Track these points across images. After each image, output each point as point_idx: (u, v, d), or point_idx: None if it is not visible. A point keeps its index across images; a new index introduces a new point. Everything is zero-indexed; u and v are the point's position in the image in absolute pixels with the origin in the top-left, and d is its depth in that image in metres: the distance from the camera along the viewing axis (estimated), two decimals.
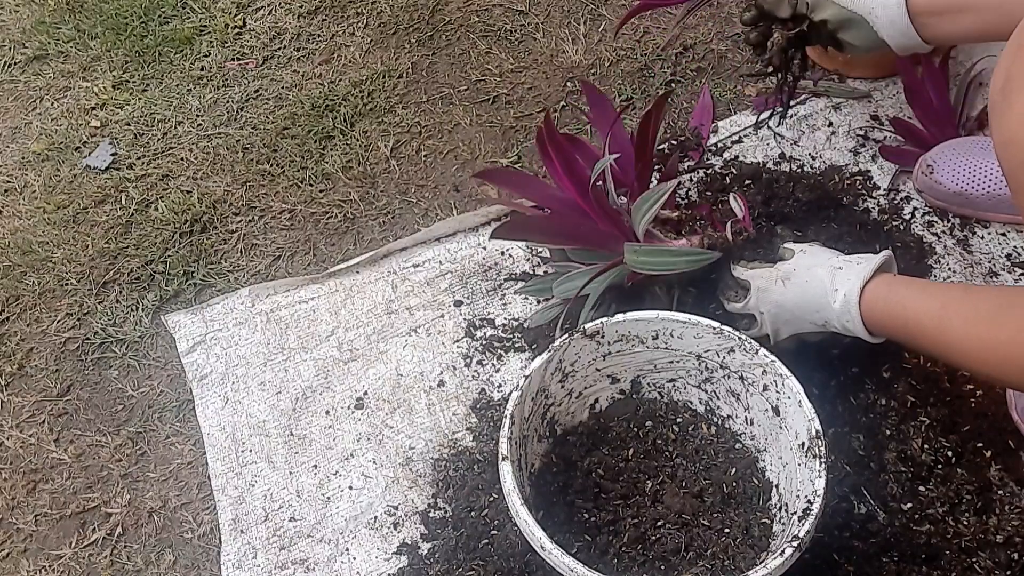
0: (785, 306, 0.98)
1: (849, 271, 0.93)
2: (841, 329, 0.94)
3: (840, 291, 0.92)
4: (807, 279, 0.96)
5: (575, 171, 1.07)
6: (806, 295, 0.96)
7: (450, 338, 1.20)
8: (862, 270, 0.92)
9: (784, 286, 0.98)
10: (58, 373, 1.22)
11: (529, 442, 0.97)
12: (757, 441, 0.99)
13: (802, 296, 0.97)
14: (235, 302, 1.25)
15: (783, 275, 0.99)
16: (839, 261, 0.96)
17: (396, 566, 1.02)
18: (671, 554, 0.92)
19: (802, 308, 0.97)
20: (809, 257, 0.99)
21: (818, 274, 0.96)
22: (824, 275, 0.95)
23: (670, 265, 1.02)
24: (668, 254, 1.03)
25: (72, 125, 1.50)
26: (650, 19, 1.57)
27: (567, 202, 1.09)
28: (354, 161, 1.41)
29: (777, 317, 1.00)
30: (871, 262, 0.93)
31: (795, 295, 0.97)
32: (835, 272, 0.94)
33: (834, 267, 0.95)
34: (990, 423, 1.04)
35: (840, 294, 0.92)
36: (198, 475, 1.12)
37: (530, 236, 1.16)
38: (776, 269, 1.00)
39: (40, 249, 1.34)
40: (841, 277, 0.93)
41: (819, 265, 0.97)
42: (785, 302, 0.98)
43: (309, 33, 1.60)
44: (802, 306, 0.97)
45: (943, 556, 0.96)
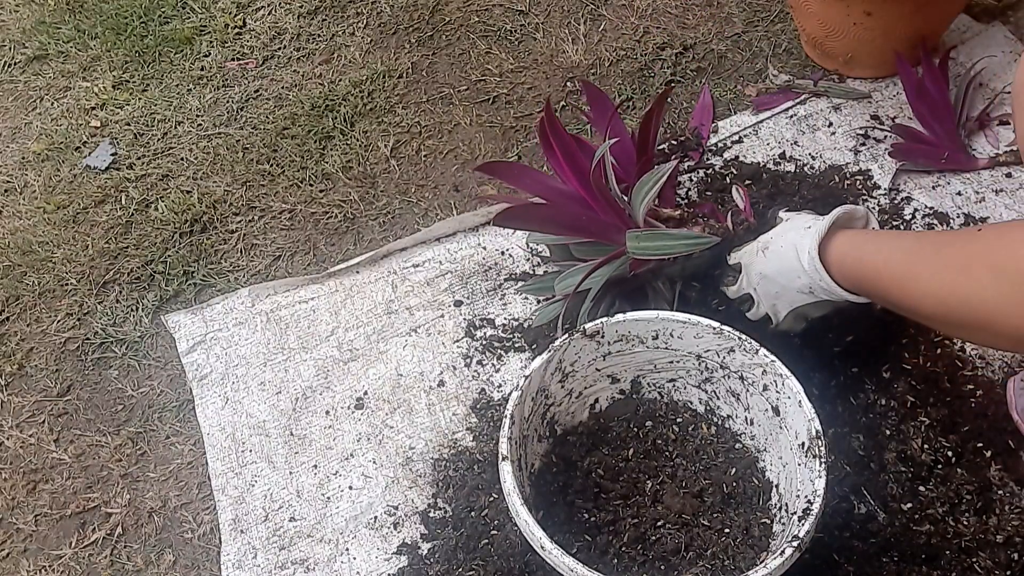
0: (768, 275, 0.96)
1: (814, 228, 0.91)
2: (826, 294, 0.92)
3: (806, 247, 0.91)
4: (782, 244, 0.95)
5: (576, 161, 1.06)
6: (783, 261, 0.94)
7: (450, 338, 1.20)
8: (822, 223, 0.91)
9: (764, 256, 0.97)
10: (58, 373, 1.22)
11: (529, 442, 0.97)
12: (757, 441, 0.99)
13: (779, 262, 0.95)
14: (235, 302, 1.25)
15: (762, 245, 0.98)
16: (809, 220, 0.94)
17: (396, 566, 1.02)
18: (671, 554, 0.92)
19: (783, 275, 0.95)
20: (788, 223, 0.98)
21: (790, 237, 0.94)
22: (795, 237, 0.93)
23: (669, 249, 1.01)
24: (667, 238, 1.02)
25: (72, 125, 1.50)
26: (650, 19, 1.57)
27: (568, 193, 1.08)
28: (354, 161, 1.41)
29: (767, 291, 0.98)
30: (827, 217, 0.91)
31: (774, 263, 0.96)
32: (804, 233, 0.93)
33: (804, 227, 0.93)
34: (990, 423, 1.04)
35: (805, 252, 0.91)
36: (198, 475, 1.12)
37: (531, 225, 1.14)
38: (758, 241, 0.99)
39: (40, 249, 1.34)
40: (808, 236, 0.92)
41: (792, 229, 0.95)
42: (767, 271, 0.96)
43: (309, 33, 1.60)
44: (783, 272, 0.94)
45: (943, 556, 0.96)
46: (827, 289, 0.91)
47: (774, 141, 1.37)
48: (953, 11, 1.38)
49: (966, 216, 1.26)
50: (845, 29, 1.36)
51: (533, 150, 1.41)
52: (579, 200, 1.07)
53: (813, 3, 1.36)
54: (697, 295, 1.09)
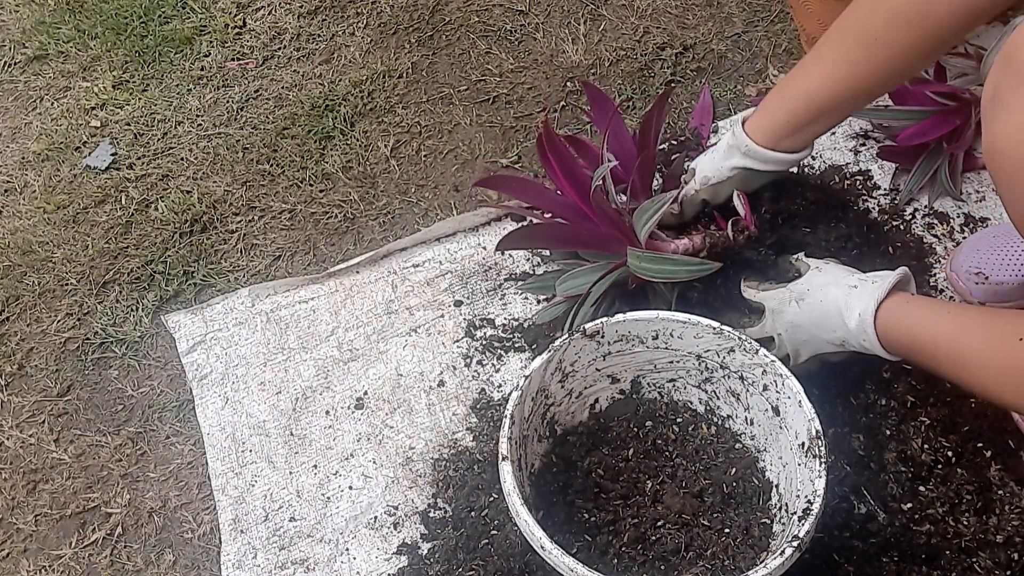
0: (801, 326, 0.98)
1: (864, 290, 0.92)
2: (859, 348, 0.93)
3: (855, 310, 0.91)
4: (821, 299, 0.95)
5: (575, 175, 1.07)
6: (821, 315, 0.95)
7: (450, 338, 1.20)
8: (877, 289, 0.91)
9: (799, 307, 0.97)
10: (58, 373, 1.22)
11: (529, 442, 0.96)
12: (757, 441, 0.99)
13: (817, 316, 0.96)
14: (235, 302, 1.25)
15: (796, 295, 0.98)
16: (854, 279, 0.95)
17: (396, 566, 1.02)
18: (671, 554, 0.92)
19: (818, 327, 0.96)
20: (823, 276, 0.98)
21: (832, 293, 0.95)
22: (839, 294, 0.94)
23: (671, 274, 1.01)
24: (670, 263, 1.02)
25: (72, 125, 1.50)
26: (650, 19, 1.57)
27: (568, 206, 1.09)
28: (354, 161, 1.41)
29: (794, 338, 0.99)
30: (886, 280, 0.91)
31: (810, 315, 0.96)
32: (850, 291, 0.93)
33: (849, 286, 0.94)
34: (990, 423, 1.04)
35: (855, 313, 0.91)
36: (198, 475, 1.12)
37: (535, 244, 1.18)
38: (789, 290, 0.99)
39: (40, 249, 1.34)
40: (856, 296, 0.92)
41: (833, 284, 0.95)
42: (800, 322, 0.97)
43: (309, 33, 1.60)
44: (818, 325, 0.96)
45: (943, 556, 0.96)
46: (868, 349, 0.92)
47: None
48: None
49: (966, 216, 1.26)
50: None
51: (533, 150, 1.40)
52: (579, 213, 1.08)
53: (813, 3, 1.36)
54: (698, 296, 1.09)
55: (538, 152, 1.06)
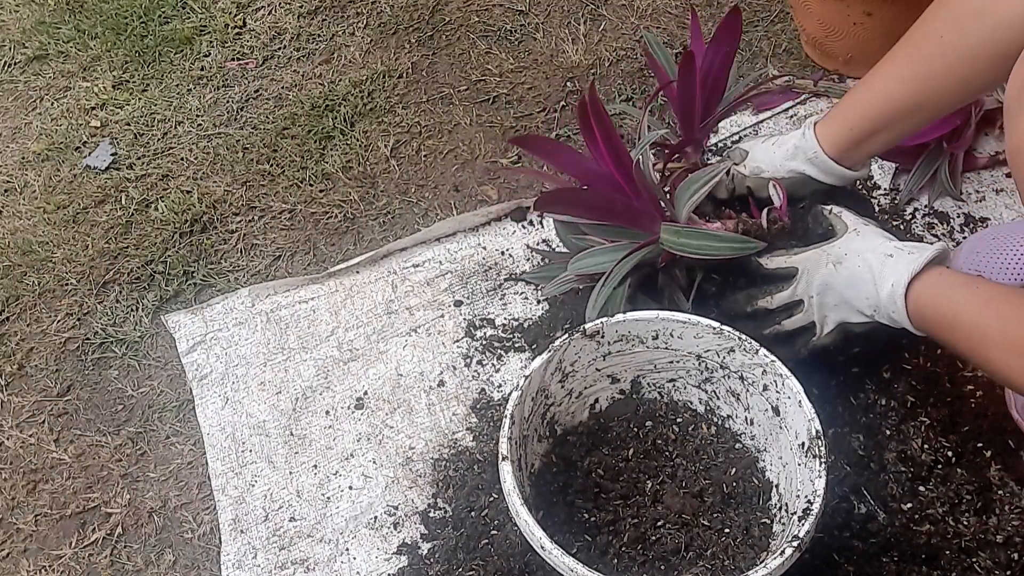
0: (835, 288, 0.96)
1: (899, 260, 0.90)
2: (888, 320, 0.92)
3: (888, 280, 0.90)
4: (859, 264, 0.93)
5: (614, 144, 1.03)
6: (856, 279, 0.93)
7: (450, 338, 1.20)
8: (913, 261, 0.89)
9: (835, 269, 0.95)
10: (58, 373, 1.22)
11: (529, 442, 0.96)
12: (757, 441, 0.99)
13: (852, 280, 0.94)
14: (235, 302, 1.25)
15: (834, 258, 0.96)
16: (891, 247, 0.93)
17: (396, 566, 1.02)
18: (671, 554, 0.92)
19: (852, 292, 0.94)
20: (861, 240, 0.96)
21: (869, 260, 0.93)
22: (874, 261, 0.92)
23: (713, 250, 0.98)
24: (712, 238, 0.98)
25: (72, 125, 1.50)
26: (650, 19, 1.57)
27: (603, 175, 1.04)
28: (354, 161, 1.41)
29: (826, 302, 0.97)
30: (923, 253, 0.90)
31: (846, 278, 0.94)
32: (885, 260, 0.91)
33: (885, 254, 0.92)
34: (990, 423, 1.04)
35: (887, 283, 0.90)
36: (198, 475, 1.12)
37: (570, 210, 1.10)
38: (825, 252, 0.97)
39: (40, 249, 1.34)
40: (891, 266, 0.91)
41: (870, 250, 0.94)
42: (836, 284, 0.95)
43: (309, 33, 1.60)
44: (852, 289, 0.94)
45: (943, 556, 0.96)
46: (897, 322, 0.91)
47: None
48: None
49: (966, 216, 1.26)
50: (845, 29, 1.36)
51: None
52: (614, 184, 1.04)
53: (813, 3, 1.36)
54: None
55: (579, 118, 1.02)
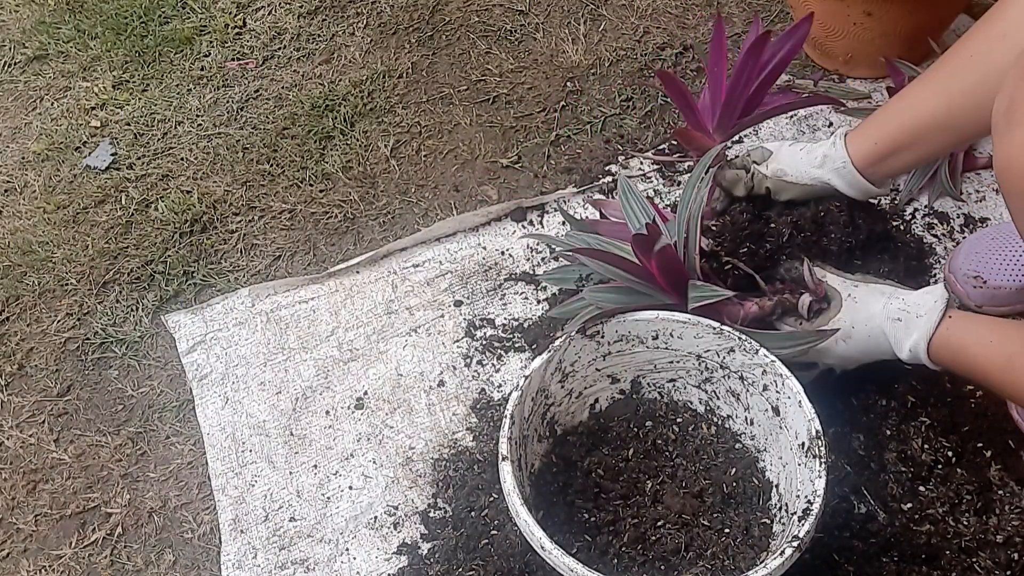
0: (849, 358, 0.99)
1: (910, 325, 0.92)
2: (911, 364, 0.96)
3: (905, 346, 0.92)
4: (868, 334, 0.95)
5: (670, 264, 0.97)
6: (870, 349, 0.96)
7: (450, 338, 1.20)
8: (924, 326, 0.91)
9: (846, 344, 0.97)
10: (58, 373, 1.22)
11: (529, 442, 0.96)
12: (757, 441, 0.99)
13: (864, 350, 0.97)
14: (235, 302, 1.25)
15: (842, 335, 0.97)
16: (895, 310, 0.94)
17: (396, 566, 1.02)
18: (671, 554, 0.92)
19: (867, 357, 0.98)
20: (862, 307, 0.96)
21: (877, 327, 0.95)
22: (884, 327, 0.94)
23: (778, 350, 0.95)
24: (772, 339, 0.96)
25: (72, 125, 1.50)
26: (650, 19, 1.57)
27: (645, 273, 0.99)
28: (354, 161, 1.41)
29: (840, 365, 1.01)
30: (931, 316, 0.91)
31: (858, 350, 0.97)
32: (895, 325, 0.93)
33: (892, 319, 0.94)
34: (990, 423, 1.04)
35: (905, 348, 0.92)
36: (198, 475, 1.12)
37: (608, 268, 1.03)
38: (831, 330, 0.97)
39: (40, 249, 1.34)
40: (903, 332, 0.93)
41: (874, 317, 0.95)
42: (849, 355, 0.98)
43: (309, 33, 1.60)
44: (867, 355, 0.97)
45: (943, 556, 0.96)
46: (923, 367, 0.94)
47: (774, 141, 1.36)
48: (953, 11, 1.38)
49: (966, 216, 1.26)
50: (845, 29, 1.36)
51: (533, 150, 1.41)
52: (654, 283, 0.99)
53: (813, 3, 1.36)
54: None
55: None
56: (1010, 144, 0.70)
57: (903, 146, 0.99)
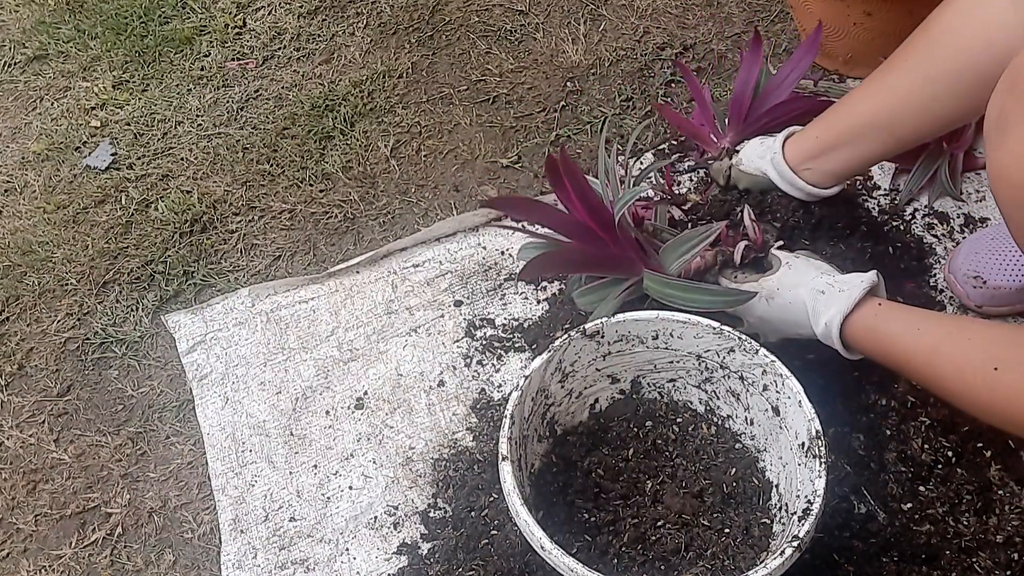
0: (769, 321, 1.00)
1: (831, 299, 0.92)
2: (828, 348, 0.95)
3: (821, 318, 0.92)
4: (790, 300, 0.96)
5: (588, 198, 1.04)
6: (787, 315, 0.97)
7: (450, 338, 1.20)
8: (844, 301, 0.91)
9: (768, 304, 0.99)
10: (58, 373, 1.22)
11: (529, 442, 0.97)
12: (757, 441, 0.99)
13: (783, 315, 0.98)
14: (235, 302, 1.25)
15: (767, 293, 0.99)
16: (822, 283, 0.95)
17: (396, 566, 1.02)
18: (671, 554, 0.92)
19: (785, 324, 0.98)
20: (793, 274, 0.98)
21: (800, 296, 0.95)
22: (806, 297, 0.95)
23: (705, 304, 0.98)
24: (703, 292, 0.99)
25: (72, 125, 1.50)
26: (650, 19, 1.57)
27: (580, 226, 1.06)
28: (354, 161, 1.41)
29: (760, 328, 1.02)
30: (853, 292, 0.91)
31: (778, 313, 0.98)
32: (817, 296, 0.94)
33: (816, 290, 0.94)
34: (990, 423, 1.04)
35: (821, 321, 0.92)
36: (198, 475, 1.12)
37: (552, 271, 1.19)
38: (760, 285, 1.00)
39: (40, 249, 1.34)
40: (822, 303, 0.93)
41: (801, 285, 0.96)
42: (768, 318, 0.99)
43: (309, 33, 1.60)
44: (785, 322, 0.98)
45: (943, 556, 0.96)
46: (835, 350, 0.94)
47: None
48: None
49: (966, 216, 1.26)
50: (845, 29, 1.36)
51: (533, 150, 1.41)
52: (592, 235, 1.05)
53: (813, 3, 1.36)
54: None
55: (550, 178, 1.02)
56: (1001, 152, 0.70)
57: (840, 143, 1.02)
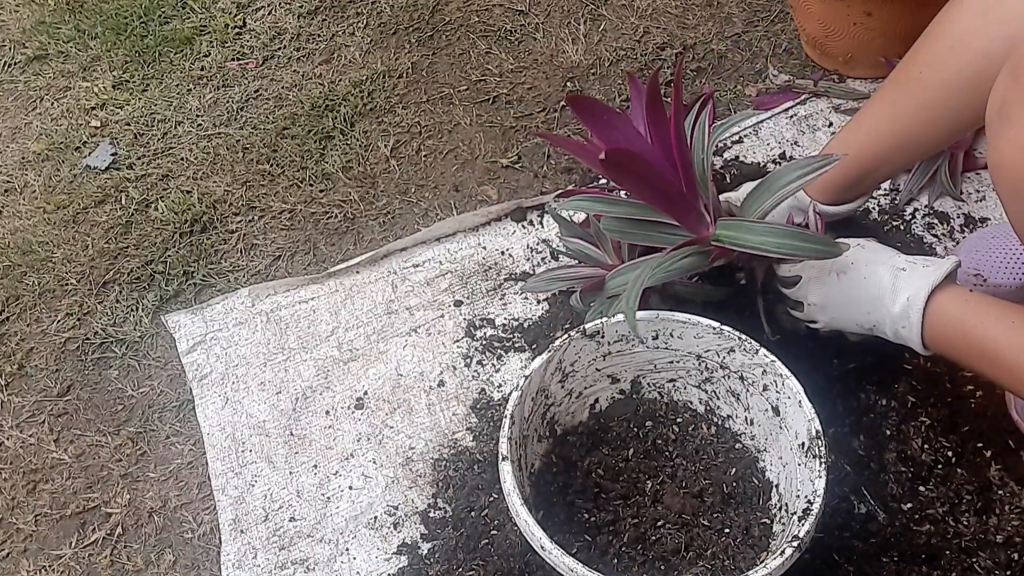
0: (835, 300, 0.93)
1: (914, 274, 0.87)
2: (891, 336, 0.89)
3: (903, 294, 0.86)
4: (865, 275, 0.90)
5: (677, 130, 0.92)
6: (861, 292, 0.90)
7: (450, 338, 1.20)
8: (930, 274, 0.86)
9: (838, 279, 0.92)
10: (58, 373, 1.22)
11: (529, 442, 0.97)
12: (757, 441, 0.99)
13: (856, 292, 0.90)
14: (235, 302, 1.25)
15: (839, 267, 0.92)
16: (901, 261, 0.89)
17: (396, 566, 1.02)
18: (671, 554, 0.92)
19: (855, 304, 0.91)
20: (868, 252, 0.92)
21: (878, 271, 0.89)
22: (885, 273, 0.89)
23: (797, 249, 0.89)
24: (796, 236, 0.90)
25: (72, 125, 1.50)
26: (650, 19, 1.57)
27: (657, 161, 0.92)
28: (354, 161, 1.41)
29: (824, 310, 0.95)
30: (941, 267, 0.86)
31: (849, 290, 0.91)
32: (897, 272, 0.88)
33: (896, 267, 0.89)
34: (990, 423, 1.04)
35: (903, 297, 0.86)
36: (198, 475, 1.12)
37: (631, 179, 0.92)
38: (831, 261, 0.93)
39: (40, 249, 1.34)
40: (905, 279, 0.87)
41: (880, 262, 0.90)
42: (837, 295, 0.93)
43: (309, 33, 1.60)
44: (855, 302, 0.91)
45: (943, 556, 0.96)
46: (904, 339, 0.88)
47: (774, 141, 1.37)
48: None
49: (966, 216, 1.26)
50: (845, 29, 1.36)
51: (533, 150, 1.41)
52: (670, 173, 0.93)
53: (813, 3, 1.36)
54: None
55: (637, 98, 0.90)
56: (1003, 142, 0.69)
57: (871, 169, 0.99)
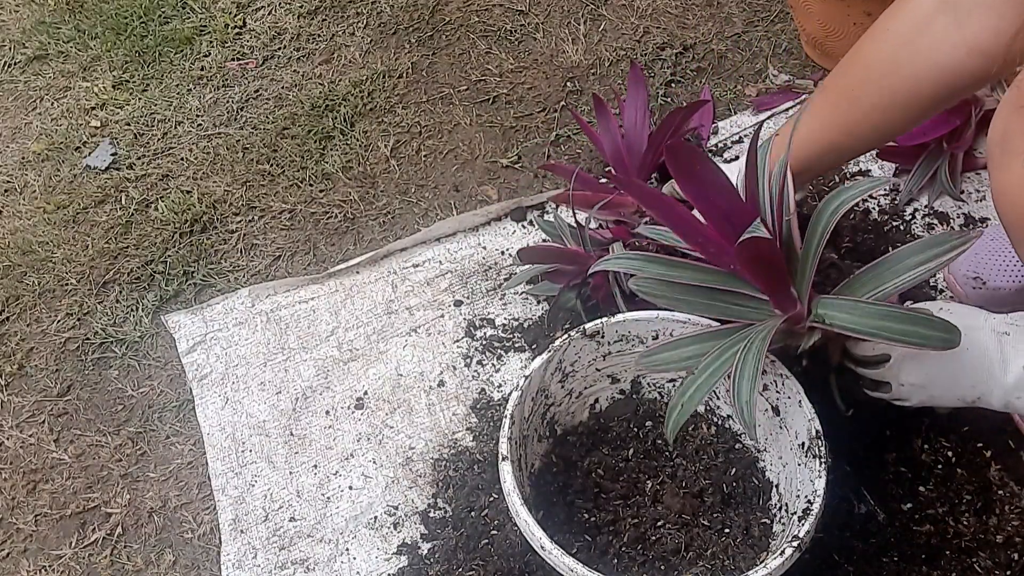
0: (938, 379, 0.85)
1: (1019, 337, 0.81)
2: (1000, 406, 0.83)
3: (1015, 362, 0.80)
4: (967, 346, 0.81)
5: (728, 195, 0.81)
6: (966, 365, 0.83)
7: (450, 338, 1.20)
8: None
9: (940, 355, 0.84)
10: (58, 373, 1.22)
11: (529, 442, 0.97)
12: (757, 441, 0.99)
13: (959, 366, 0.83)
14: (235, 302, 1.25)
15: None
16: (999, 323, 0.83)
17: (396, 566, 1.02)
18: (671, 554, 0.92)
19: (959, 378, 0.84)
20: (958, 318, 0.81)
21: (980, 339, 0.82)
22: (988, 341, 0.82)
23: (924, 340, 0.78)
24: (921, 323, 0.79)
25: (72, 125, 1.50)
26: (650, 19, 1.57)
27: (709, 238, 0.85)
28: (354, 161, 1.41)
29: (924, 389, 0.87)
30: None
31: (952, 365, 0.84)
32: (1002, 338, 0.82)
33: (997, 331, 0.82)
34: (990, 423, 1.04)
35: (1015, 366, 0.80)
36: (198, 475, 1.12)
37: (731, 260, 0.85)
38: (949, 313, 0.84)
39: (40, 249, 1.34)
40: (1011, 345, 0.81)
41: (977, 328, 0.83)
42: (939, 373, 0.85)
43: (309, 33, 1.60)
44: (960, 376, 0.83)
45: (943, 556, 0.96)
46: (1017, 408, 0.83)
47: None
48: None
49: (966, 216, 1.26)
50: (845, 29, 1.36)
51: (533, 150, 1.41)
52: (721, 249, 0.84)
53: (813, 3, 1.36)
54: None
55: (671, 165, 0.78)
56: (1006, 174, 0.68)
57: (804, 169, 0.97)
